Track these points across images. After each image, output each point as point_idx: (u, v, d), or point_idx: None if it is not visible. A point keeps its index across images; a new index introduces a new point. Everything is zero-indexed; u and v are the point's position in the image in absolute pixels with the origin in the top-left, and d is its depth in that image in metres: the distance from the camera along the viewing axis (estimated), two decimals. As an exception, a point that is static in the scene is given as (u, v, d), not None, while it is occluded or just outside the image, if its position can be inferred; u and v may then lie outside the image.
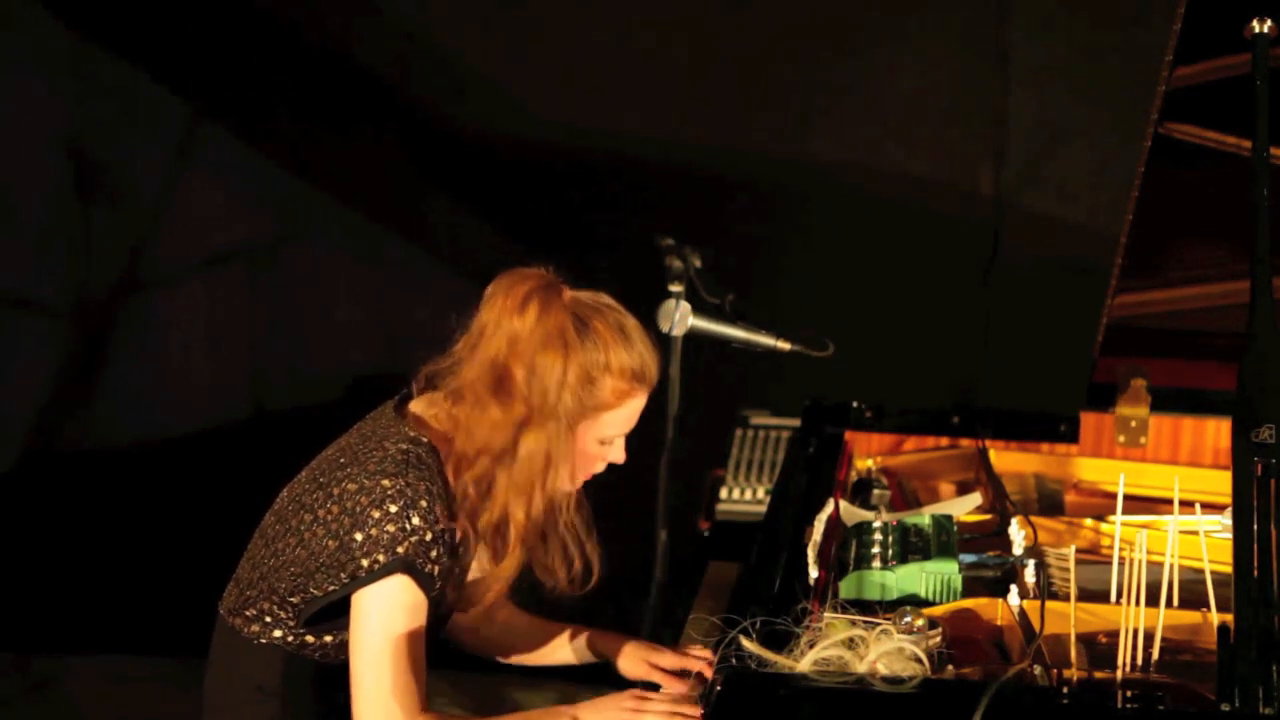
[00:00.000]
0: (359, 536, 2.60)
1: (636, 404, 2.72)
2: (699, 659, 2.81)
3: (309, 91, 5.25)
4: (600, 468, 2.79)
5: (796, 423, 3.74)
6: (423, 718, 2.62)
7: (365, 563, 2.60)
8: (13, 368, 5.27)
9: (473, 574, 2.84)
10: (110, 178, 5.31)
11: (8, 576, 5.04)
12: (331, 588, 2.63)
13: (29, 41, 5.16)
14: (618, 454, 2.76)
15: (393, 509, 2.60)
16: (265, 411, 5.38)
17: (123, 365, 5.33)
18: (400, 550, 2.59)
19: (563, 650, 3.00)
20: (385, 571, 2.59)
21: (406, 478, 2.62)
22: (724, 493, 3.79)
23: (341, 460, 2.70)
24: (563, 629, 3.00)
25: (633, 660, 2.89)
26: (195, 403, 5.37)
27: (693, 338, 3.60)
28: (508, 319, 2.66)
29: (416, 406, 2.76)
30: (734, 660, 2.44)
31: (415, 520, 2.60)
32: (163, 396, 5.35)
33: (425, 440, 2.69)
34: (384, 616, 2.61)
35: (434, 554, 2.62)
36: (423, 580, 2.62)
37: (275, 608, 2.71)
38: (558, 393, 2.64)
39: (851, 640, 2.40)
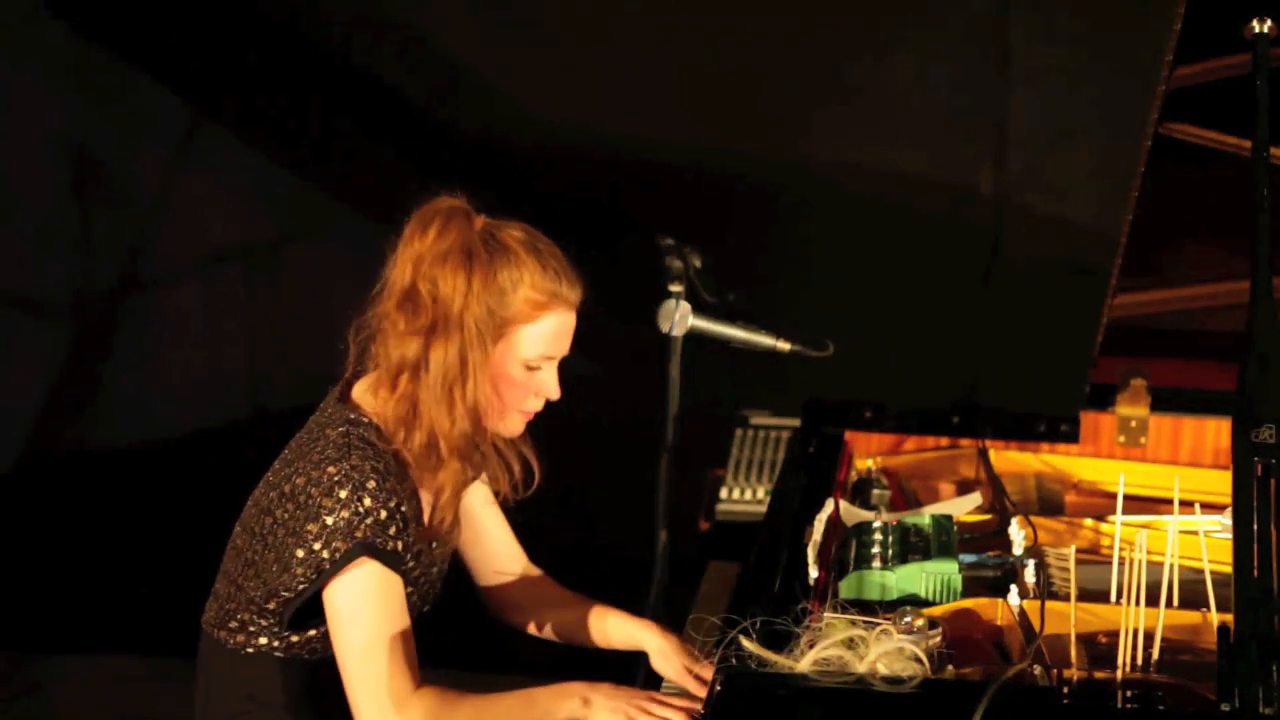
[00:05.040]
0: (314, 528, 2.58)
1: (556, 321, 2.69)
2: None
3: (308, 91, 5.24)
4: (535, 404, 2.75)
5: (796, 423, 3.74)
6: (419, 695, 2.59)
7: (326, 554, 2.58)
8: (13, 368, 5.26)
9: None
10: (110, 178, 5.31)
11: (7, 576, 5.04)
12: (301, 586, 2.61)
13: (29, 41, 5.15)
14: (549, 386, 2.72)
15: (343, 494, 2.58)
16: (265, 411, 5.38)
17: (123, 365, 5.33)
18: (359, 534, 2.57)
19: (597, 631, 2.94)
20: (348, 559, 2.57)
21: (350, 460, 2.61)
22: (724, 493, 3.79)
23: (290, 458, 2.70)
24: (600, 610, 2.95)
25: (670, 661, 2.84)
26: (195, 403, 5.36)
27: (693, 338, 3.60)
28: (409, 245, 2.67)
29: (360, 388, 2.75)
30: (734, 660, 2.43)
31: (367, 501, 2.58)
32: (163, 396, 5.35)
33: (366, 419, 2.68)
34: (358, 605, 2.58)
35: (393, 530, 2.60)
36: (387, 559, 2.59)
37: (255, 616, 2.69)
38: (464, 302, 2.62)
39: (851, 640, 2.40)
